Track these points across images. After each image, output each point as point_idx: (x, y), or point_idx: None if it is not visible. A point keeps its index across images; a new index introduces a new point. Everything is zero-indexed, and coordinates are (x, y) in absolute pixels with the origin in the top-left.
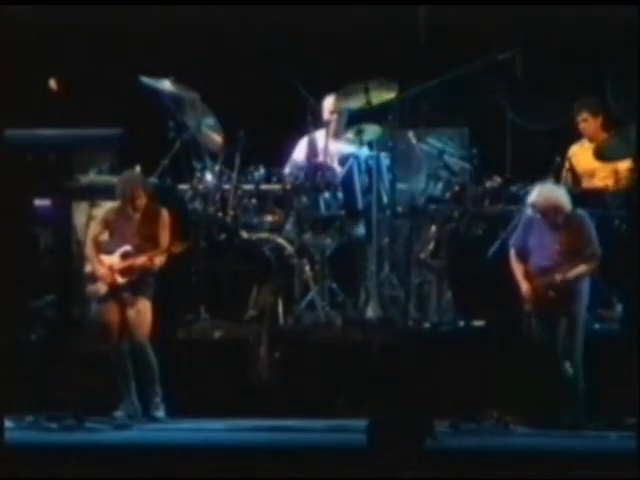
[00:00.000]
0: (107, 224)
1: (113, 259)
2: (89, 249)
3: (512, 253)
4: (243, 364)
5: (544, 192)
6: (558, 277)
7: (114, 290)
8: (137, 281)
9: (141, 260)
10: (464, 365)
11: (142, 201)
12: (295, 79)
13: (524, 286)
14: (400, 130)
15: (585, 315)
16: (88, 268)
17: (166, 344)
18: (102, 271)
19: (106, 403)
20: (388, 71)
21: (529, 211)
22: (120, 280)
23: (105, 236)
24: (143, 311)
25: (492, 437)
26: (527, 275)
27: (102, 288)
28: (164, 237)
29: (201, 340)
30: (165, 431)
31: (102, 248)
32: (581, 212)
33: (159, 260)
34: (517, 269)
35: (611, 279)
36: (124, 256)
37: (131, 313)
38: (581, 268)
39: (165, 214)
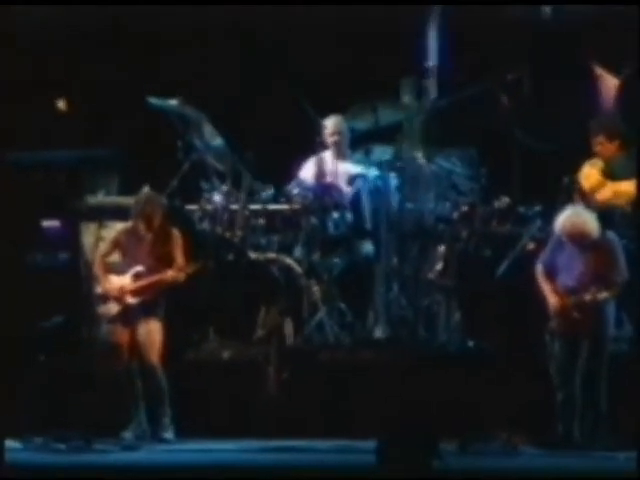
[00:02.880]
0: (118, 244)
1: (125, 279)
2: (98, 269)
3: (539, 271)
4: (251, 385)
5: (571, 217)
6: (587, 297)
7: (125, 311)
8: (148, 302)
9: (153, 281)
10: (473, 385)
11: (157, 221)
12: (303, 99)
13: (551, 304)
14: (408, 150)
15: (609, 337)
16: (98, 289)
17: (175, 365)
18: (113, 291)
19: (115, 424)
20: (396, 91)
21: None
22: (131, 301)
23: (116, 256)
24: (153, 331)
25: (500, 458)
26: (554, 294)
27: (113, 308)
28: (177, 258)
29: (210, 360)
30: (173, 452)
31: (113, 268)
32: (610, 235)
33: (172, 281)
34: (544, 287)
35: (619, 298)
36: (136, 276)
37: (141, 334)
38: (608, 291)
39: (177, 234)
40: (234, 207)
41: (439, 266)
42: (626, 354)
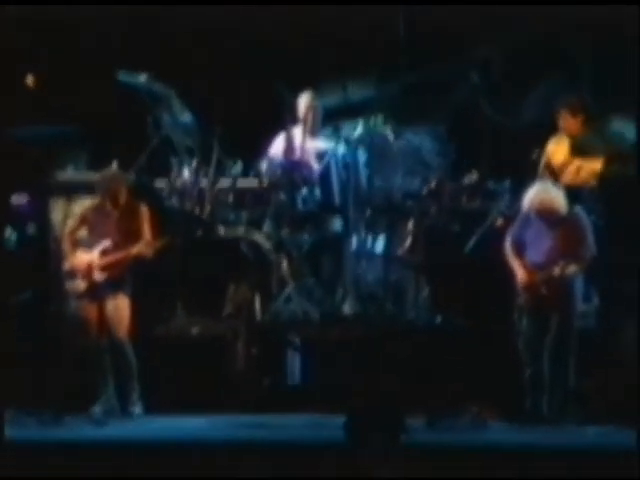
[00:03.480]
0: (86, 220)
1: (92, 255)
2: (66, 245)
3: (508, 247)
4: (220, 360)
5: (539, 193)
6: (555, 273)
7: (93, 287)
8: (116, 277)
9: (121, 256)
10: (441, 361)
11: (122, 197)
12: (273, 75)
13: (519, 279)
14: (378, 127)
15: (577, 312)
16: (66, 265)
17: (143, 340)
18: (81, 267)
19: (84, 399)
20: (366, 68)
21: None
22: (99, 277)
23: (84, 233)
24: (121, 307)
25: (469, 433)
26: (522, 269)
27: (81, 284)
28: (144, 233)
29: (178, 336)
30: (142, 427)
31: (81, 245)
32: (578, 211)
33: (139, 256)
34: (513, 263)
35: (587, 273)
36: (103, 252)
37: (110, 309)
38: (576, 266)
39: (145, 210)
40: (203, 183)
41: (408, 242)
42: (594, 329)
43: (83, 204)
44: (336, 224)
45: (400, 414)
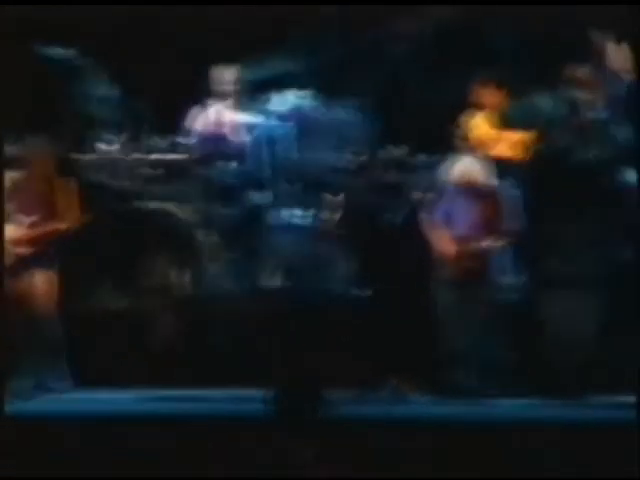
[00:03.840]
0: (12, 195)
1: (17, 230)
2: None
3: (431, 220)
4: (145, 334)
5: (462, 167)
6: (475, 248)
7: (19, 261)
8: (40, 252)
9: (47, 230)
10: (363, 334)
11: (48, 171)
12: (198, 49)
13: (441, 253)
14: (305, 100)
15: (499, 286)
16: None
17: (68, 315)
18: (7, 242)
19: (9, 374)
20: (293, 40)
21: (448, 180)
22: (25, 251)
23: (9, 207)
24: (47, 282)
25: (390, 406)
26: (446, 242)
27: (7, 259)
28: (69, 207)
29: (102, 310)
30: (69, 402)
31: (6, 219)
32: (502, 185)
33: (64, 231)
34: (436, 236)
35: (512, 247)
36: (30, 226)
37: (35, 285)
38: (500, 240)
39: (70, 184)
40: (126, 157)
41: (334, 216)
42: (517, 302)
43: (8, 178)
44: (262, 198)
45: (321, 387)
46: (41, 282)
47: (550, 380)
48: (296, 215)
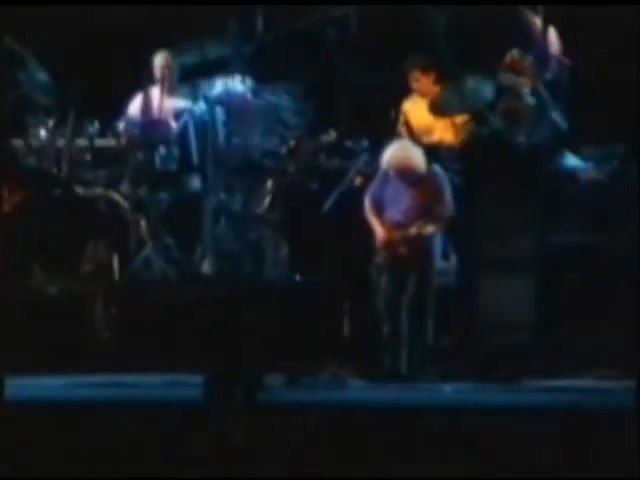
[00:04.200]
0: None
1: None
2: None
3: (367, 204)
4: (79, 320)
5: (397, 151)
6: (411, 233)
7: None
8: None
9: None
10: (300, 319)
11: None
12: (129, 34)
13: (377, 238)
14: (235, 85)
15: (435, 270)
16: None
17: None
18: None
19: None
20: (225, 25)
21: (384, 165)
22: None
23: None
24: None
25: (328, 391)
26: (381, 228)
27: None
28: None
29: (36, 296)
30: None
31: None
32: (437, 169)
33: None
34: (371, 221)
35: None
36: None
37: None
38: (434, 226)
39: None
40: (60, 142)
41: (267, 201)
42: (451, 287)
43: None
44: (195, 183)
45: (258, 373)
46: None
47: (485, 364)
48: (228, 200)
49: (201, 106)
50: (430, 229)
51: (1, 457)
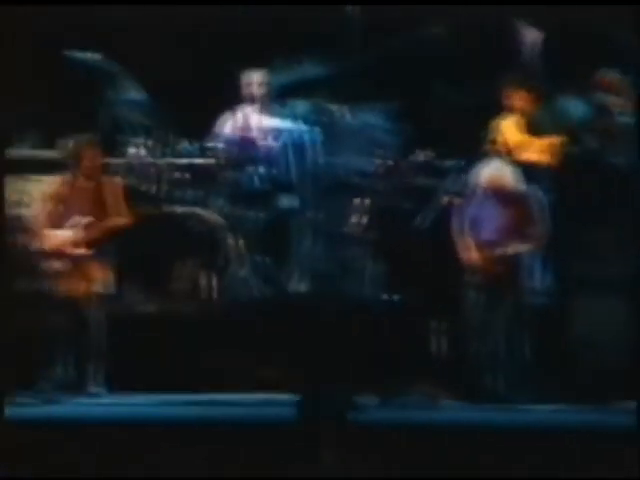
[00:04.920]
0: (59, 198)
1: (74, 232)
2: (41, 226)
3: (459, 224)
4: (173, 339)
5: (492, 170)
6: (505, 252)
7: (78, 264)
8: (98, 252)
9: (104, 229)
10: (393, 338)
11: (97, 166)
12: (225, 53)
13: (471, 258)
14: (331, 104)
15: (529, 290)
16: (45, 245)
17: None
18: (64, 246)
19: (38, 377)
20: (320, 45)
21: (477, 184)
22: (84, 252)
23: (59, 210)
24: (104, 281)
25: (421, 411)
26: (474, 247)
27: (64, 263)
28: (120, 205)
29: (129, 314)
30: (98, 406)
31: (58, 222)
32: (531, 189)
33: (118, 229)
34: (465, 240)
35: (540, 252)
36: (86, 227)
37: (93, 284)
38: (528, 245)
39: (117, 181)
40: (154, 161)
41: (360, 220)
42: (546, 306)
43: (52, 182)
44: (289, 202)
45: (352, 393)
46: (98, 282)
47: (580, 385)
48: (322, 219)
49: (296, 125)
50: (523, 249)
51: (96, 473)
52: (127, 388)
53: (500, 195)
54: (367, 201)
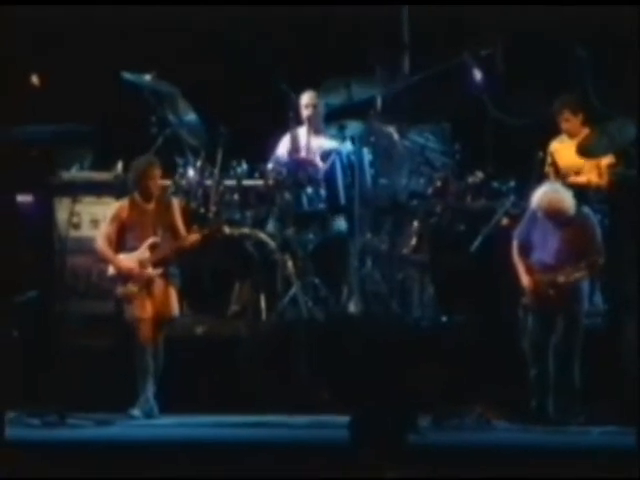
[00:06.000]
0: (121, 220)
1: (141, 254)
2: (105, 251)
3: (515, 246)
4: (225, 360)
5: (548, 193)
6: (561, 279)
7: (147, 285)
8: (167, 273)
9: (173, 249)
10: (447, 360)
11: (157, 187)
12: (277, 75)
13: (525, 280)
14: (382, 125)
15: (583, 313)
16: (110, 270)
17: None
18: (132, 269)
19: (88, 399)
20: (370, 66)
21: (533, 206)
22: (153, 273)
23: (121, 232)
24: (173, 303)
25: (475, 433)
26: (529, 270)
27: (133, 286)
28: (181, 226)
29: (183, 336)
30: (149, 427)
31: (122, 246)
32: (586, 211)
33: (189, 248)
34: (519, 263)
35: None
36: (152, 248)
37: (163, 306)
38: (584, 271)
39: (177, 202)
40: (208, 182)
41: (413, 241)
42: (600, 329)
43: (113, 205)
44: (341, 223)
45: (406, 414)
46: (168, 304)
47: (632, 407)
48: (375, 240)
49: (348, 146)
50: (580, 273)
51: None
52: (178, 409)
53: (556, 218)
54: (419, 222)
